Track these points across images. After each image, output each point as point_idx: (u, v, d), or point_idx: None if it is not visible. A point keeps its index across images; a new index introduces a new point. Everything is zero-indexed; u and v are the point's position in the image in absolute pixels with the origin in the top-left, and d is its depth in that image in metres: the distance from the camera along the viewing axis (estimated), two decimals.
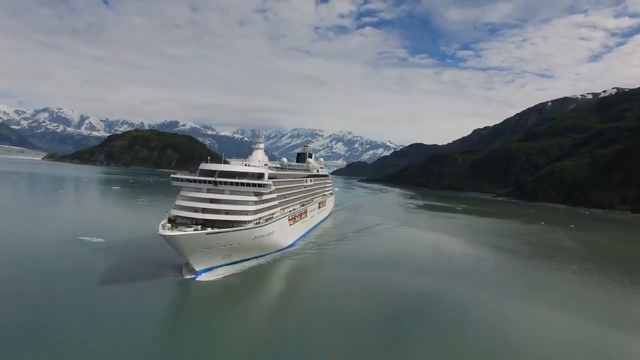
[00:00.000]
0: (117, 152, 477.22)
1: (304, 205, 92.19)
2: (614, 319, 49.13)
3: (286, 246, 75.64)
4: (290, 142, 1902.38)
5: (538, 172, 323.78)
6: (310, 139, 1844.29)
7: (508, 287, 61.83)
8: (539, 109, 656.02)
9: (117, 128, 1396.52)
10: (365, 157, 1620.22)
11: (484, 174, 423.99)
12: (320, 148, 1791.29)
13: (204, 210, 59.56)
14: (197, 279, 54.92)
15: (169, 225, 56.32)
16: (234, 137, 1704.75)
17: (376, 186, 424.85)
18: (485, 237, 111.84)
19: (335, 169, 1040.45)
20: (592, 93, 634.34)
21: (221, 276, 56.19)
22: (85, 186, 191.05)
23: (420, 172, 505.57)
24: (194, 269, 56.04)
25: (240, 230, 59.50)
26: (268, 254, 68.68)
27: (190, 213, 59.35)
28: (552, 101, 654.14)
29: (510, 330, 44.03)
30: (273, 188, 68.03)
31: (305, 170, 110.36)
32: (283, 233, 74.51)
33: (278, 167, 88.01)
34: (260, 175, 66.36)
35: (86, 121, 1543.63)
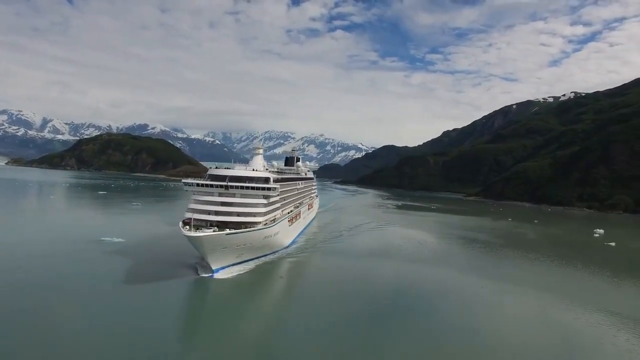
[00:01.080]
0: (88, 156, 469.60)
1: (297, 207, 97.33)
2: (569, 293, 62.06)
3: (286, 245, 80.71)
4: (262, 145, 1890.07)
5: (505, 173, 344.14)
6: (282, 141, 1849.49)
7: (483, 271, 74.36)
8: (505, 111, 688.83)
9: (83, 131, 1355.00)
10: (337, 159, 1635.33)
11: (455, 174, 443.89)
12: (292, 150, 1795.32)
13: (217, 213, 63.66)
14: (214, 276, 58.72)
15: (188, 227, 59.70)
16: (205, 140, 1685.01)
17: (351, 188, 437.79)
18: (460, 232, 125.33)
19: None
20: (552, 96, 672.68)
21: (235, 274, 60.39)
22: (71, 191, 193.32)
23: (393, 173, 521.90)
24: (209, 268, 59.61)
25: (254, 230, 64.16)
26: (271, 253, 73.05)
27: (204, 215, 63.34)
28: (516, 104, 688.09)
29: (483, 307, 55.99)
30: (279, 191, 73.08)
31: (296, 173, 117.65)
32: (285, 233, 79.79)
33: (277, 172, 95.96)
34: (266, 180, 71.41)
35: (49, 124, 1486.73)
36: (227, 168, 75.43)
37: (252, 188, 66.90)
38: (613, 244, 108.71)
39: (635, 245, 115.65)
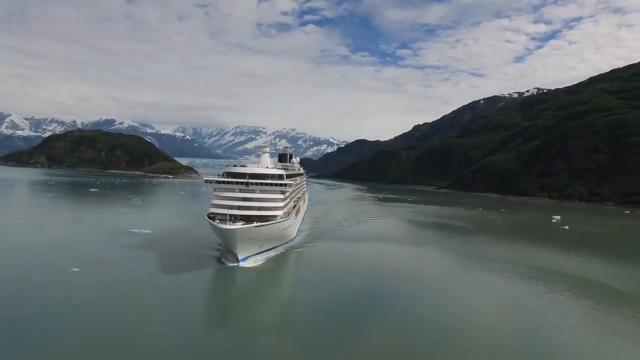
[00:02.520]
0: (59, 153, 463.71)
1: (297, 201, 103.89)
2: (529, 265, 79.25)
3: (294, 237, 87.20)
4: (233, 140, 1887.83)
5: (474, 166, 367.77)
6: (253, 136, 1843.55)
7: (457, 252, 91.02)
8: (473, 106, 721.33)
9: (45, 127, 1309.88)
10: (309, 153, 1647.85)
11: (426, 168, 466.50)
12: (263, 145, 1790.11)
13: (240, 208, 68.85)
14: (239, 265, 64.22)
15: (217, 220, 65.60)
16: (175, 135, 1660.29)
17: (329, 182, 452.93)
18: (439, 220, 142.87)
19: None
20: (517, 92, 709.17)
21: (258, 263, 66.57)
22: (63, 190, 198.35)
23: (367, 167, 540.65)
24: (235, 257, 64.93)
25: (275, 223, 70.46)
26: (284, 243, 79.39)
27: (227, 210, 67.79)
28: (484, 99, 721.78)
29: (463, 280, 72.21)
30: (293, 187, 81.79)
31: (292, 170, 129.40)
32: (294, 226, 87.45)
33: (283, 169, 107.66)
34: (281, 176, 77.14)
35: (7, 119, 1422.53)
36: (242, 165, 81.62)
37: (270, 184, 73.00)
38: (567, 227, 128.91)
39: (584, 228, 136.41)
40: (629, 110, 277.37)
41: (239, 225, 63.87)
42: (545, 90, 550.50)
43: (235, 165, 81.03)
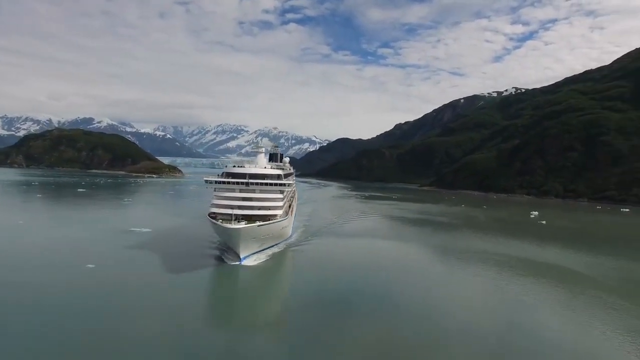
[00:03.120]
0: (38, 153, 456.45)
1: (291, 200, 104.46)
2: (509, 255, 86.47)
3: (290, 235, 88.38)
4: (215, 139, 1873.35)
5: (455, 164, 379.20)
6: (235, 134, 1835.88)
7: (444, 246, 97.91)
8: (453, 105, 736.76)
9: (19, 125, 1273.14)
10: (291, 152, 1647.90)
11: (409, 166, 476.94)
12: (245, 144, 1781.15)
13: (241, 207, 69.35)
14: (241, 263, 65.03)
15: (221, 220, 66.71)
16: (156, 134, 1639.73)
17: (313, 181, 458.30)
18: (424, 216, 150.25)
19: None
20: (496, 91, 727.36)
21: (259, 261, 67.62)
22: (50, 190, 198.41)
23: (351, 166, 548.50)
24: (237, 256, 65.84)
25: (276, 222, 71.57)
26: (281, 242, 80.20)
27: (228, 210, 68.85)
28: (464, 98, 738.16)
29: (443, 277, 78.91)
30: (292, 186, 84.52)
31: (283, 169, 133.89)
32: (290, 224, 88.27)
33: (278, 168, 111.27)
34: (279, 176, 78.11)
35: None
36: (240, 165, 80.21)
37: (270, 184, 74.12)
38: (544, 222, 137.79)
39: (559, 223, 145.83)
40: (601, 110, 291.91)
41: (243, 224, 64.85)
42: (523, 90, 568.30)
43: (234, 166, 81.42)
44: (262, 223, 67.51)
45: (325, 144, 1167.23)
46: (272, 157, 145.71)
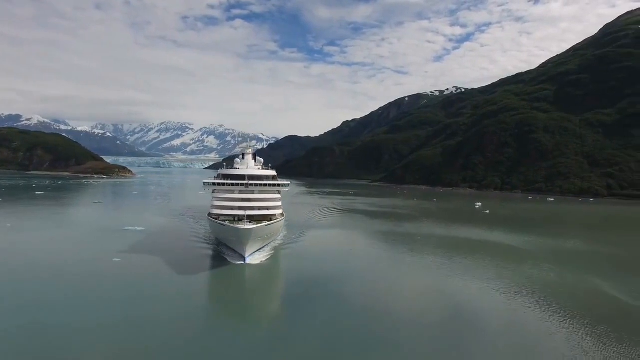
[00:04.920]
0: None
1: None
2: (461, 238, 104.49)
3: (281, 234, 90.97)
4: (159, 137, 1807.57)
5: (404, 160, 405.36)
6: (180, 132, 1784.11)
7: (409, 231, 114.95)
8: (398, 103, 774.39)
9: None
10: (238, 150, 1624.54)
11: (359, 163, 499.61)
12: (191, 142, 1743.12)
13: (243, 208, 70.43)
14: (246, 262, 66.24)
15: (227, 221, 69.06)
16: (94, 132, 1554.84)
17: None
18: (385, 209, 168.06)
19: (211, 163, 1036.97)
20: (438, 90, 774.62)
21: (261, 260, 69.35)
22: (3, 194, 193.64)
23: (303, 163, 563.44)
24: (239, 255, 67.13)
25: (278, 221, 74.91)
26: (273, 240, 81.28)
27: (230, 211, 71.15)
28: (408, 97, 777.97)
29: (415, 250, 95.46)
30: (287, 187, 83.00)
31: (271, 170, 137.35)
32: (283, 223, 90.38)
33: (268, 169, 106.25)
34: (274, 177, 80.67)
35: None
36: (234, 167, 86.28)
37: (268, 185, 76.66)
38: (488, 212, 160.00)
39: (500, 212, 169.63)
40: (530, 110, 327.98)
41: (254, 225, 66.45)
42: (463, 90, 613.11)
43: (230, 168, 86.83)
44: (269, 223, 70.39)
45: (273, 142, 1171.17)
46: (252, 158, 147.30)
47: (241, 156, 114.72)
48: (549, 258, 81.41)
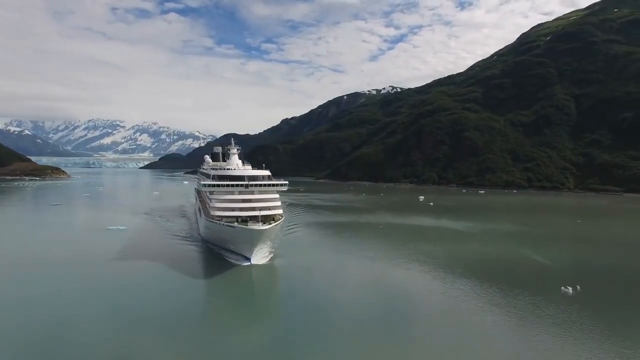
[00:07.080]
0: None
1: None
2: (410, 225, 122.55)
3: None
4: (86, 135, 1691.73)
5: (347, 157, 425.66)
6: (110, 130, 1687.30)
7: (368, 220, 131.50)
8: (337, 102, 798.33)
9: None
10: (173, 148, 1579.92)
11: (303, 160, 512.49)
12: (122, 140, 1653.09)
13: (246, 209, 71.41)
14: (252, 263, 66.87)
15: (236, 222, 68.96)
16: (9, 130, 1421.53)
17: None
18: (341, 204, 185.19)
19: (146, 162, 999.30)
20: (375, 89, 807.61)
21: (265, 260, 70.48)
22: None
23: (247, 161, 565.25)
24: (242, 257, 67.90)
25: (281, 221, 74.95)
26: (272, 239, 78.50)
27: (232, 212, 71.14)
28: (347, 95, 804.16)
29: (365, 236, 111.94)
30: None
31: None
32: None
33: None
34: (270, 177, 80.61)
35: None
36: (227, 168, 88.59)
37: (267, 185, 76.75)
38: (432, 203, 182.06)
39: (442, 203, 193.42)
40: (462, 110, 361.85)
41: (266, 226, 66.87)
42: (399, 89, 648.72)
43: (223, 169, 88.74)
44: (277, 223, 71.07)
45: (210, 140, 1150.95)
46: (215, 157, 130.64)
47: (221, 156, 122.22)
48: (487, 237, 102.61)
